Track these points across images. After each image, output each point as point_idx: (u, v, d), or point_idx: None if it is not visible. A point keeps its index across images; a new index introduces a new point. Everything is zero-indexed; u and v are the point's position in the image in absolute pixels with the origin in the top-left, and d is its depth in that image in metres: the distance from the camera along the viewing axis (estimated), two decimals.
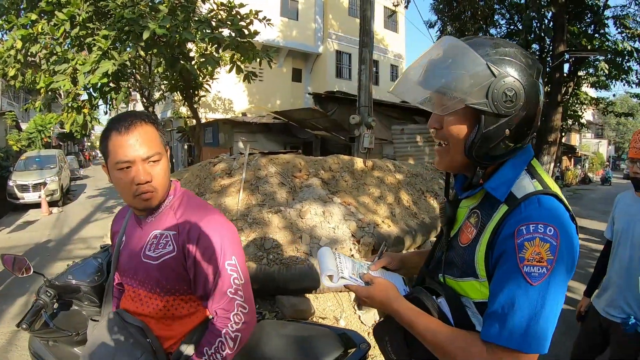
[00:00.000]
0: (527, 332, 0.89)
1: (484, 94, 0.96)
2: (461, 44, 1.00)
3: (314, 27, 20.51)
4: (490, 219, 1.01)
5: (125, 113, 1.40)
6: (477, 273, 1.01)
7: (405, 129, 11.96)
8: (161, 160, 1.35)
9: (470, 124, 1.01)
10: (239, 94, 18.31)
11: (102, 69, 5.47)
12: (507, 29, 12.34)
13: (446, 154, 1.08)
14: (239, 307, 1.36)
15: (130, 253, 1.45)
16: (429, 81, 1.04)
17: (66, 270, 1.98)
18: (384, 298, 1.12)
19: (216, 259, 1.35)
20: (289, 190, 5.06)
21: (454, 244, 1.13)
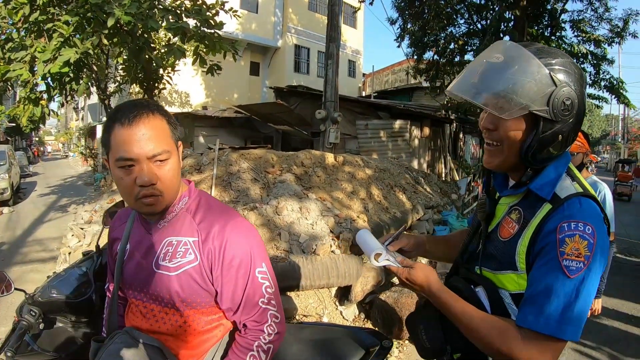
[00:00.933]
0: (561, 320, 0.96)
1: (546, 101, 1.02)
2: (525, 51, 1.05)
3: (274, 21, 20.23)
4: (534, 215, 1.07)
5: (131, 102, 1.21)
6: (517, 266, 1.07)
7: (370, 124, 12.04)
8: (170, 160, 1.16)
9: (527, 128, 1.06)
10: (196, 88, 17.78)
11: (63, 57, 5.03)
12: (468, 29, 12.67)
13: (499, 154, 1.13)
14: (272, 317, 1.26)
15: (138, 263, 1.27)
16: (490, 84, 1.05)
17: (47, 283, 1.77)
18: (424, 281, 1.14)
19: (246, 267, 1.22)
20: (263, 186, 4.94)
21: (493, 237, 1.18)
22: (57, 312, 1.70)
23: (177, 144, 1.23)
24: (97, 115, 25.72)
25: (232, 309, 1.24)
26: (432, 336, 1.21)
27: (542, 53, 1.04)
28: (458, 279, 1.23)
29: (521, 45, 1.07)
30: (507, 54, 1.06)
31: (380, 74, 27.89)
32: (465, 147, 17.94)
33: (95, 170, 22.41)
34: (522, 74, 1.02)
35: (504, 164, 1.14)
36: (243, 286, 1.22)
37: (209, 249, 1.20)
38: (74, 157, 36.76)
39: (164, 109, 1.22)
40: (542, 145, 1.05)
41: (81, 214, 5.57)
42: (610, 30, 11.13)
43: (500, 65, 1.05)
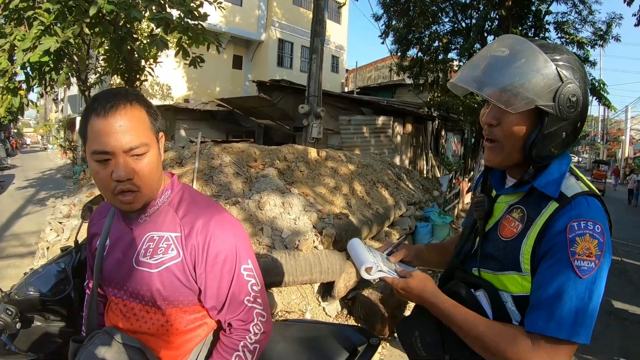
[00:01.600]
0: (575, 323, 0.92)
1: (552, 97, 1.00)
2: (532, 45, 1.03)
3: (258, 14, 20.01)
4: (539, 214, 1.03)
5: (109, 90, 1.13)
6: (521, 267, 1.03)
7: (352, 120, 12.04)
8: (149, 153, 1.10)
9: (531, 124, 1.04)
10: (178, 80, 17.48)
11: (43, 46, 4.85)
12: (452, 27, 12.76)
13: (500, 151, 1.10)
14: (259, 316, 1.22)
15: (117, 260, 1.22)
16: (497, 77, 1.03)
17: (24, 280, 1.69)
18: (422, 290, 1.12)
19: (231, 264, 1.18)
20: (245, 181, 4.89)
21: (491, 237, 1.14)
22: (34, 311, 1.64)
23: (158, 135, 1.17)
24: (77, 107, 25.12)
25: (217, 307, 1.20)
26: (429, 344, 1.16)
27: (547, 48, 1.03)
28: (457, 284, 1.18)
29: (525, 38, 1.06)
30: (513, 48, 1.04)
31: (363, 70, 27.94)
32: (446, 144, 18.12)
33: (74, 163, 21.93)
34: (529, 68, 1.00)
35: (505, 161, 1.12)
36: (228, 284, 1.18)
37: (192, 244, 1.15)
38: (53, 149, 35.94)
39: (144, 98, 1.16)
40: (546, 142, 1.03)
41: (60, 208, 5.43)
42: (594, 33, 11.35)
43: (506, 59, 1.03)
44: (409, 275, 1.16)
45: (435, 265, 1.49)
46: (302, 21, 21.70)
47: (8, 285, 1.69)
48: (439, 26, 13.01)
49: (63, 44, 5.12)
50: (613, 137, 43.88)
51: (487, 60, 1.06)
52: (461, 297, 1.11)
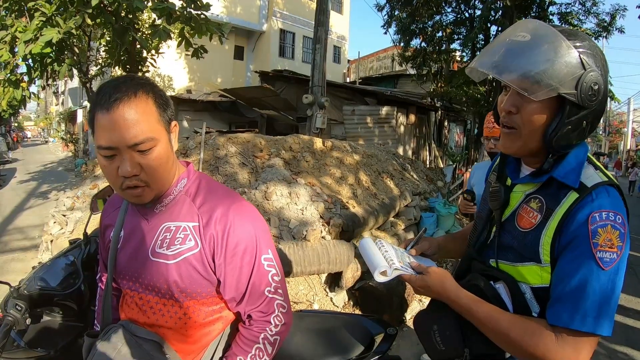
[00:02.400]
0: (599, 315, 0.91)
1: (574, 85, 0.96)
2: (554, 30, 0.99)
3: (259, 4, 19.85)
4: (559, 205, 1.01)
5: (115, 80, 1.06)
6: (541, 258, 1.01)
7: (356, 110, 11.96)
8: (156, 147, 1.04)
9: (552, 113, 1.00)
10: (179, 71, 17.41)
11: (45, 37, 4.76)
12: (455, 17, 12.67)
13: (517, 139, 1.06)
14: (279, 307, 1.18)
15: (132, 252, 1.17)
16: (518, 63, 0.99)
17: (32, 274, 1.64)
18: (440, 286, 1.10)
19: (251, 254, 1.13)
20: (251, 171, 4.85)
21: (508, 227, 1.12)
22: (44, 306, 1.60)
23: (169, 126, 1.10)
24: (78, 100, 25.06)
25: (236, 298, 1.16)
26: (449, 339, 1.13)
27: (569, 34, 0.98)
28: (476, 276, 1.15)
29: (549, 25, 1.01)
30: (534, 33, 0.99)
31: (365, 60, 27.78)
32: (449, 135, 18.05)
33: (76, 155, 21.95)
34: (552, 55, 0.96)
35: (523, 149, 1.08)
36: (248, 274, 1.13)
37: (211, 234, 1.10)
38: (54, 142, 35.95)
39: (151, 86, 1.08)
40: (567, 131, 1.00)
41: (63, 201, 5.40)
42: (597, 24, 11.25)
43: (527, 44, 0.98)
44: (425, 271, 1.14)
45: (457, 254, 1.46)
46: (304, 11, 21.55)
47: (12, 279, 1.64)
48: (442, 16, 12.90)
49: (65, 35, 5.03)
50: (615, 129, 43.63)
51: (508, 45, 1.02)
52: (481, 290, 1.09)
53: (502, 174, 1.22)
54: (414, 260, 1.23)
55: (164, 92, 1.12)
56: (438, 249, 1.38)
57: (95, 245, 1.91)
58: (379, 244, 1.22)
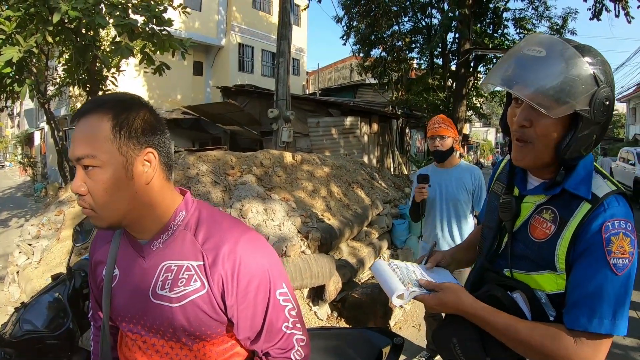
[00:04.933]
0: (615, 317, 0.97)
1: (588, 101, 0.99)
2: (569, 47, 1.01)
3: (217, 19, 19.70)
4: (572, 215, 1.05)
5: (98, 97, 1.03)
6: (556, 266, 1.05)
7: (321, 122, 12.04)
8: (100, 169, 0.95)
9: (564, 127, 1.03)
10: (138, 89, 16.92)
11: (4, 57, 4.56)
12: (412, 26, 13.05)
13: (530, 152, 1.09)
14: (299, 342, 1.12)
15: (130, 293, 1.08)
16: (536, 79, 1.00)
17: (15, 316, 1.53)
18: (456, 302, 1.11)
19: (265, 290, 1.06)
20: (224, 189, 4.79)
21: (521, 237, 1.15)
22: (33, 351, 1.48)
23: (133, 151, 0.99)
24: (35, 121, 23.97)
25: (251, 337, 1.08)
26: (469, 349, 1.14)
27: (583, 50, 1.01)
28: (493, 287, 1.16)
29: (559, 38, 1.04)
30: (550, 49, 1.01)
31: (323, 71, 28.08)
32: (411, 141, 18.46)
33: (34, 180, 20.94)
34: (569, 72, 0.98)
35: (535, 162, 1.10)
36: (263, 312, 1.06)
37: (219, 274, 1.02)
38: (10, 166, 34.21)
39: (122, 105, 1.00)
40: (579, 144, 1.03)
41: (27, 229, 5.14)
42: (550, 27, 11.86)
43: (544, 60, 1.01)
44: (439, 288, 1.15)
45: (468, 263, 1.49)
46: (262, 25, 21.58)
47: None
48: (400, 25, 13.26)
49: (26, 54, 4.82)
50: None
51: (523, 60, 1.04)
52: (499, 300, 1.11)
53: (509, 184, 1.25)
54: (425, 276, 1.24)
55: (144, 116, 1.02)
56: (451, 259, 1.41)
57: (80, 279, 1.81)
58: (392, 266, 1.23)
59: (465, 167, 3.12)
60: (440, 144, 2.99)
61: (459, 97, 11.44)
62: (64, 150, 9.25)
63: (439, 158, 3.08)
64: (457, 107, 11.29)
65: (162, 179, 1.05)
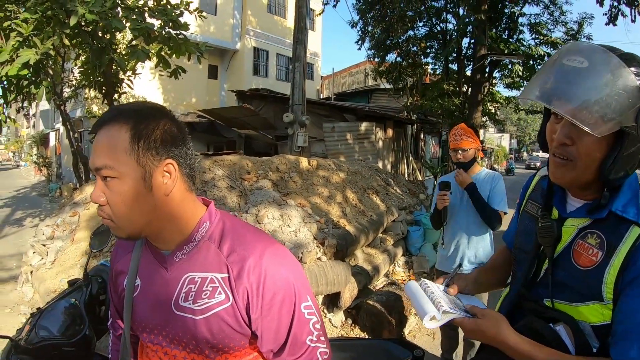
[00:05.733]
0: None
1: (635, 116, 0.91)
2: (614, 57, 0.92)
3: (232, 23, 19.87)
4: (622, 241, 0.96)
5: (118, 106, 1.02)
6: (603, 296, 0.97)
7: (336, 127, 12.01)
8: (118, 180, 0.94)
9: (609, 145, 0.95)
10: (153, 92, 17.15)
11: (22, 59, 4.60)
12: (427, 31, 13.00)
13: (571, 171, 1.01)
14: (322, 354, 1.10)
15: (152, 303, 1.07)
16: (579, 93, 0.92)
17: (31, 322, 1.51)
18: (496, 332, 1.04)
19: (290, 304, 1.04)
20: (240, 194, 4.77)
21: (563, 264, 1.07)
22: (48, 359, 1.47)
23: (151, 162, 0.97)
24: (50, 122, 24.35)
25: (274, 350, 1.07)
26: None
27: (627, 60, 0.92)
28: (534, 320, 1.08)
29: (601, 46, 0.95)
30: (593, 59, 0.93)
31: (338, 76, 28.08)
32: (425, 147, 18.33)
33: (49, 180, 21.26)
34: (615, 86, 0.90)
35: (577, 181, 1.03)
36: (287, 325, 1.05)
37: (244, 287, 1.00)
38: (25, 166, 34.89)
39: (139, 115, 0.98)
40: (624, 163, 0.95)
41: (42, 229, 5.19)
42: (566, 32, 11.71)
43: (587, 72, 0.92)
44: (480, 314, 1.08)
45: (491, 287, 1.42)
46: (276, 29, 21.70)
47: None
48: (415, 30, 13.22)
49: (42, 56, 4.87)
50: None
51: (563, 72, 0.96)
52: (540, 334, 1.04)
53: (546, 204, 1.17)
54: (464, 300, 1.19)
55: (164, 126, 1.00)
56: (473, 283, 1.34)
57: (97, 285, 1.80)
58: (424, 285, 1.19)
59: (486, 174, 3.12)
60: (462, 156, 3.02)
61: (474, 102, 11.34)
62: (79, 152, 9.37)
63: (461, 168, 3.09)
64: (473, 113, 11.19)
65: (183, 190, 1.03)
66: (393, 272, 5.71)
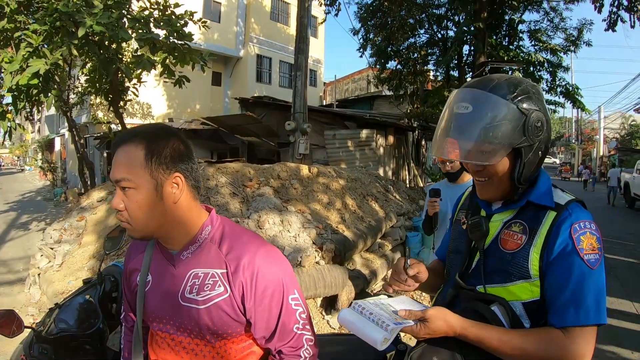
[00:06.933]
0: (598, 308, 1.06)
1: (522, 133, 1.11)
2: (491, 95, 1.12)
3: (236, 30, 20.14)
4: (541, 224, 1.15)
5: (137, 127, 1.23)
6: (531, 274, 1.12)
7: (337, 134, 12.17)
8: (135, 190, 1.12)
9: (512, 159, 1.15)
10: (158, 99, 17.41)
11: (32, 69, 4.79)
12: (428, 39, 13.15)
13: (492, 187, 1.22)
14: (308, 341, 1.26)
15: (161, 296, 1.24)
16: (469, 136, 1.14)
17: (50, 315, 1.65)
18: (445, 326, 1.12)
19: (279, 296, 1.21)
20: (242, 201, 4.93)
21: (493, 253, 1.22)
22: (66, 349, 1.60)
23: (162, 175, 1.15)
24: (55, 127, 24.59)
25: (266, 336, 1.23)
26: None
27: (501, 88, 1.13)
28: (473, 302, 1.20)
29: (481, 87, 1.15)
30: (474, 103, 1.14)
31: (340, 82, 28.23)
32: (427, 153, 18.43)
33: (54, 185, 21.46)
34: (497, 118, 1.10)
35: (498, 194, 1.22)
36: (277, 314, 1.21)
37: (240, 281, 1.17)
38: (30, 170, 35.17)
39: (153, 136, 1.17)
40: (528, 167, 1.15)
41: (50, 233, 5.34)
42: (566, 39, 11.82)
43: (472, 116, 1.13)
44: (424, 318, 1.13)
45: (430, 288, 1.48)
46: (280, 36, 21.93)
47: None
48: (416, 38, 13.37)
49: (52, 66, 5.07)
50: (587, 137, 44.67)
51: (456, 121, 1.17)
52: (480, 314, 1.16)
53: (474, 208, 1.34)
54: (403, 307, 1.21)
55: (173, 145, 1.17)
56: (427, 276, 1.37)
57: (110, 283, 1.94)
58: (358, 309, 1.19)
59: None
60: (451, 167, 3.16)
61: None
62: (85, 157, 9.54)
63: (451, 178, 3.25)
64: None
65: (189, 199, 1.21)
66: None
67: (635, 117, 40.99)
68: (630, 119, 42.79)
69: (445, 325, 1.12)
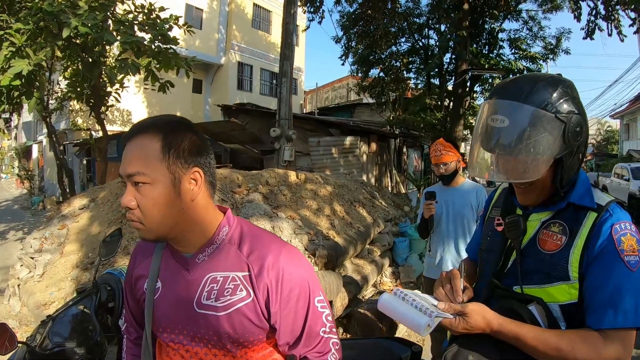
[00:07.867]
0: (637, 311, 1.03)
1: (562, 141, 1.09)
2: (525, 108, 1.09)
3: (217, 37, 20.04)
4: (581, 225, 1.13)
5: (149, 118, 1.11)
6: (570, 275, 1.10)
7: (322, 141, 12.16)
8: (150, 186, 1.02)
9: (553, 165, 1.13)
10: (138, 105, 17.13)
11: (15, 69, 4.63)
12: (410, 47, 13.33)
13: (534, 194, 1.21)
14: (335, 345, 1.18)
15: (173, 304, 1.13)
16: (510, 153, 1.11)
17: (43, 328, 1.52)
18: (483, 322, 1.10)
19: (305, 298, 1.12)
20: (231, 207, 4.84)
21: (530, 253, 1.19)
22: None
23: (180, 170, 1.06)
24: (32, 134, 23.98)
25: (290, 342, 1.14)
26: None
27: (536, 95, 1.09)
28: (510, 301, 1.18)
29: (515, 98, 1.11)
30: (510, 116, 1.10)
31: (320, 90, 28.36)
32: (408, 160, 18.60)
33: (32, 193, 20.87)
34: (535, 134, 1.08)
35: (540, 198, 1.21)
36: (303, 318, 1.13)
37: (265, 283, 1.08)
38: (6, 178, 34.16)
39: (169, 127, 1.07)
40: (570, 171, 1.14)
41: (30, 242, 5.14)
42: (544, 47, 12.14)
43: (509, 132, 1.10)
44: (464, 313, 1.12)
45: None
46: (261, 44, 21.93)
47: None
48: (398, 46, 13.54)
49: (35, 67, 4.88)
50: None
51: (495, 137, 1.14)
52: (516, 313, 1.14)
53: (509, 207, 1.32)
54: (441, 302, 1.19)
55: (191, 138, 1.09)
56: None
57: (106, 293, 1.84)
58: (401, 295, 1.19)
59: (470, 185, 3.30)
60: (445, 169, 3.19)
61: (456, 116, 11.68)
62: (64, 165, 9.28)
63: (445, 181, 3.27)
64: (454, 126, 11.50)
65: (206, 197, 1.12)
66: (381, 282, 5.82)
67: (611, 123, 42.30)
68: (606, 125, 44.19)
69: (483, 322, 1.10)
